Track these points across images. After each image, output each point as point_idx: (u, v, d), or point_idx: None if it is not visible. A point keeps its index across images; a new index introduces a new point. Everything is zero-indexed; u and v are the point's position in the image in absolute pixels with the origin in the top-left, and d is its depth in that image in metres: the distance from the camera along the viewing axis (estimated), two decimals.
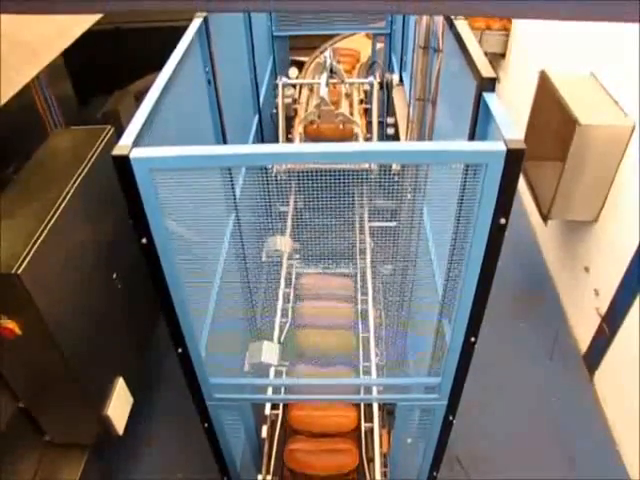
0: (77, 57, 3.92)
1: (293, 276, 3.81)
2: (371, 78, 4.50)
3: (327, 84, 4.24)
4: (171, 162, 1.86)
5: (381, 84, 4.57)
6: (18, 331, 2.71)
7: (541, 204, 4.62)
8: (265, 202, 2.68)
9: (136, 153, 1.83)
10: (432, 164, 2.15)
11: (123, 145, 1.86)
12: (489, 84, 2.13)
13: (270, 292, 3.57)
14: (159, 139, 2.16)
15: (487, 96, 2.11)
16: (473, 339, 2.46)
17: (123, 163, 1.83)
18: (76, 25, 3.03)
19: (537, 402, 4.52)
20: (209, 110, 3.21)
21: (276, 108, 5.04)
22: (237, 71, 4.18)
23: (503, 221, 1.98)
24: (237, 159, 1.90)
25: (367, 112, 5.14)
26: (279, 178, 2.72)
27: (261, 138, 4.92)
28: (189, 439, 3.32)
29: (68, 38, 2.93)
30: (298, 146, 1.87)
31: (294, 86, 5.69)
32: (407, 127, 3.10)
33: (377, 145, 1.80)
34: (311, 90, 4.95)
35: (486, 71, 2.13)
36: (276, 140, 4.83)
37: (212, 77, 3.14)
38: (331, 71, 4.39)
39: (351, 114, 4.49)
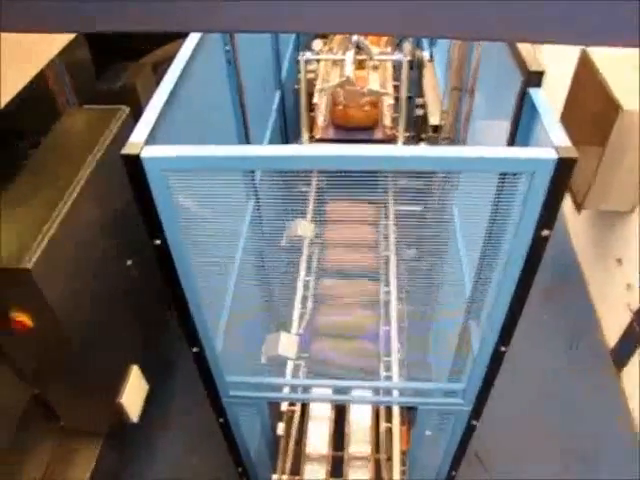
0: None
1: (314, 264, 3.67)
2: (400, 55, 4.20)
3: (354, 61, 3.98)
4: (187, 163, 1.72)
5: (411, 63, 4.26)
6: (30, 323, 2.64)
7: (575, 192, 4.40)
8: (286, 185, 2.54)
9: (148, 152, 1.68)
10: (470, 172, 1.96)
11: (134, 143, 1.71)
12: (536, 79, 1.93)
13: (289, 281, 3.44)
14: (175, 126, 2.01)
15: (533, 93, 1.92)
16: (504, 349, 2.32)
17: (134, 163, 1.68)
18: None
19: (560, 396, 4.38)
20: (229, 91, 3.04)
21: (298, 84, 4.83)
22: (258, 45, 3.98)
23: (546, 233, 1.82)
24: (259, 162, 1.75)
25: (396, 88, 4.89)
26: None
27: (283, 115, 4.74)
28: (204, 423, 3.26)
29: (68, 35, 2.74)
30: (324, 149, 1.71)
31: (318, 61, 5.44)
32: (440, 116, 2.90)
33: (408, 150, 1.63)
34: (335, 63, 4.70)
35: (533, 63, 1.93)
36: (298, 117, 4.63)
37: (232, 56, 2.97)
38: (358, 47, 4.10)
39: (383, 86, 4.28)
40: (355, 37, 4.17)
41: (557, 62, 5.37)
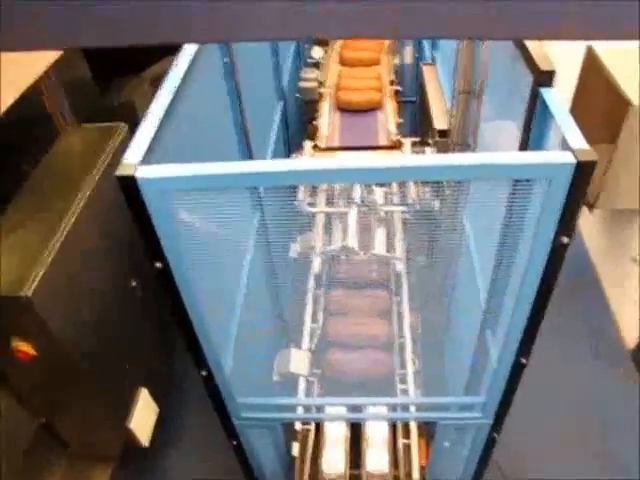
0: None
1: (323, 277, 3.57)
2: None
3: (357, 220, 3.34)
4: (184, 182, 1.63)
5: None
6: (33, 352, 2.56)
7: (587, 191, 4.28)
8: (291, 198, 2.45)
9: (144, 172, 1.60)
10: (482, 179, 1.87)
11: (128, 163, 1.63)
12: (547, 78, 1.85)
13: (298, 296, 3.35)
14: (172, 143, 1.93)
15: (545, 93, 1.83)
16: (524, 360, 2.23)
17: (129, 184, 1.60)
18: None
19: (578, 401, 4.25)
20: (229, 104, 2.96)
21: (299, 92, 4.77)
22: (258, 55, 3.90)
23: (566, 240, 1.73)
24: (259, 178, 1.66)
25: (397, 94, 4.82)
26: None
27: (285, 124, 4.66)
28: (217, 444, 3.17)
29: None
30: (326, 163, 1.62)
31: (318, 67, 5.39)
32: (450, 121, 2.80)
33: (416, 160, 1.55)
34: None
35: (544, 63, 1.85)
36: (302, 127, 4.57)
37: (231, 68, 2.89)
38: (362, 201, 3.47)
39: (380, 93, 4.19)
40: (359, 193, 3.50)
41: (562, 61, 5.26)
